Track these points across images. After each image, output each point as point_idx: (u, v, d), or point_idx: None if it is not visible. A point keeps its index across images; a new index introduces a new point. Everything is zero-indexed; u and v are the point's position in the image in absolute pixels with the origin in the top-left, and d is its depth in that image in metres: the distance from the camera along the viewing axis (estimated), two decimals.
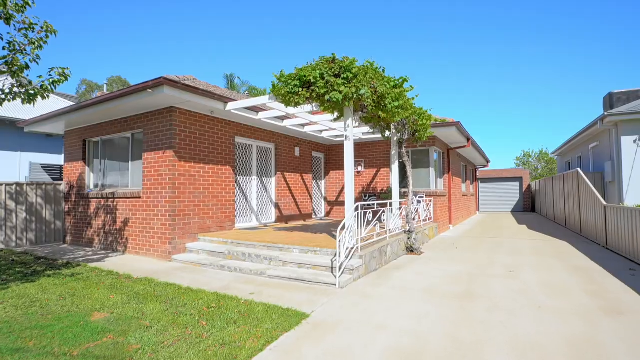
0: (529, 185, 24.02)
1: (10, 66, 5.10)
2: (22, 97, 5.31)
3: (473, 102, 76.89)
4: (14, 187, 8.87)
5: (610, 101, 15.56)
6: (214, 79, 64.96)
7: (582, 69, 66.57)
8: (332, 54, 6.05)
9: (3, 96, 5.20)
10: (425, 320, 3.95)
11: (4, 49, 5.17)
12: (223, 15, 70.25)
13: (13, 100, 5.31)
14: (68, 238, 9.70)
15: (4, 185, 8.70)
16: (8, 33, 5.20)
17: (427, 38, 71.01)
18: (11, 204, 8.80)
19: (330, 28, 73.26)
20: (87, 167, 9.49)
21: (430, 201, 10.89)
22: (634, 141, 10.52)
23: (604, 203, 8.61)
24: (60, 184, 9.88)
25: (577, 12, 58.92)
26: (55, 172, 11.44)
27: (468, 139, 12.53)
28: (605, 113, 10.64)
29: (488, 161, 21.00)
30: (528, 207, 23.68)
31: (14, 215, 8.85)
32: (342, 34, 72.75)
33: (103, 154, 9.20)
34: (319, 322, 3.92)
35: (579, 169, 11.46)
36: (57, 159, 12.37)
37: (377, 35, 71.40)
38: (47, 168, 11.31)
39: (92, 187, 9.45)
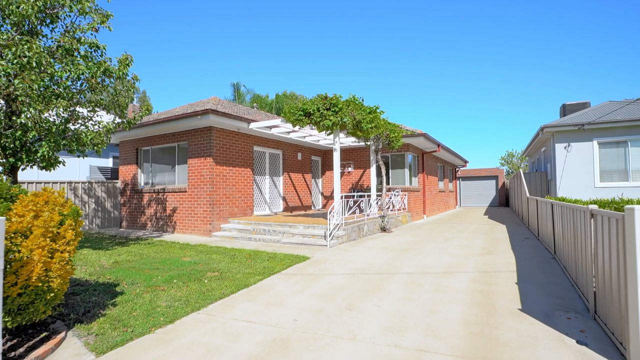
0: (504, 183, 27.00)
1: (117, 106, 7.98)
2: (124, 125, 8.20)
3: (469, 101, 79.79)
4: (86, 184, 11.77)
5: (564, 111, 18.56)
6: (215, 77, 67.40)
7: (581, 69, 69.34)
8: (325, 93, 8.96)
9: (112, 126, 8.07)
10: (376, 259, 6.88)
11: (112, 95, 8.05)
12: (223, 15, 72.94)
13: (117, 128, 8.19)
14: (124, 224, 12.61)
15: (80, 183, 11.59)
16: (113, 82, 8.06)
17: (428, 38, 73.84)
18: (85, 197, 11.69)
19: (329, 27, 75.99)
20: (139, 169, 12.40)
21: (405, 195, 13.80)
22: (564, 148, 13.42)
23: (527, 195, 11.54)
24: (117, 182, 12.78)
25: (582, 12, 61.52)
26: (106, 173, 14.32)
27: (438, 145, 15.44)
28: (543, 125, 13.54)
29: (466, 162, 23.95)
30: (503, 203, 26.66)
31: (86, 205, 11.75)
32: (341, 33, 75.51)
33: (152, 159, 12.10)
34: (315, 260, 6.84)
35: (521, 170, 14.41)
36: (105, 162, 15.28)
37: (374, 33, 74.11)
38: (101, 169, 14.20)
39: (143, 184, 12.36)
